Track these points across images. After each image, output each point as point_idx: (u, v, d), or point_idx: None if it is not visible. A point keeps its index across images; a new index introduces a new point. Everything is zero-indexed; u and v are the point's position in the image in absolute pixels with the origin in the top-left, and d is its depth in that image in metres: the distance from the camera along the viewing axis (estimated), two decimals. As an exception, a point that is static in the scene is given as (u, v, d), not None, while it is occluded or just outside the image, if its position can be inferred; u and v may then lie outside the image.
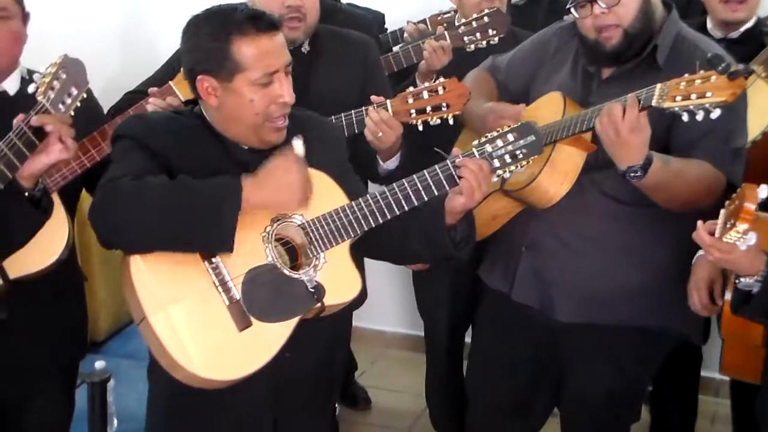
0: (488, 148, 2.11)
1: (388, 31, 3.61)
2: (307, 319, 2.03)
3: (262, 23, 1.99)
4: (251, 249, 1.96)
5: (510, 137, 2.11)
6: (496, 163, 2.10)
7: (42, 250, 2.22)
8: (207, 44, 2.00)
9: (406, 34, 3.42)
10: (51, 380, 2.53)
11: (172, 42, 2.83)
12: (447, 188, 2.08)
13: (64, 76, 2.11)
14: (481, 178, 2.06)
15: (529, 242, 2.52)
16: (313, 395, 2.20)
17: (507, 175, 2.13)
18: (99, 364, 2.54)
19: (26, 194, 2.05)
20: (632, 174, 2.19)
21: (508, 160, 2.10)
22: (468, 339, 3.30)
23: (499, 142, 2.11)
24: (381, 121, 2.51)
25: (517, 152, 2.10)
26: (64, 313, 2.54)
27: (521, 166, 2.12)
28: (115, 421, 2.57)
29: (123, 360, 3.28)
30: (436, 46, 2.93)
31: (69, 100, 2.12)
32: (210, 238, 1.92)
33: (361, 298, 2.14)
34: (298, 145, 1.97)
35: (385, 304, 4.45)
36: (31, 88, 2.09)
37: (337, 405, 3.83)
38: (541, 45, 2.64)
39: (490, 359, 2.70)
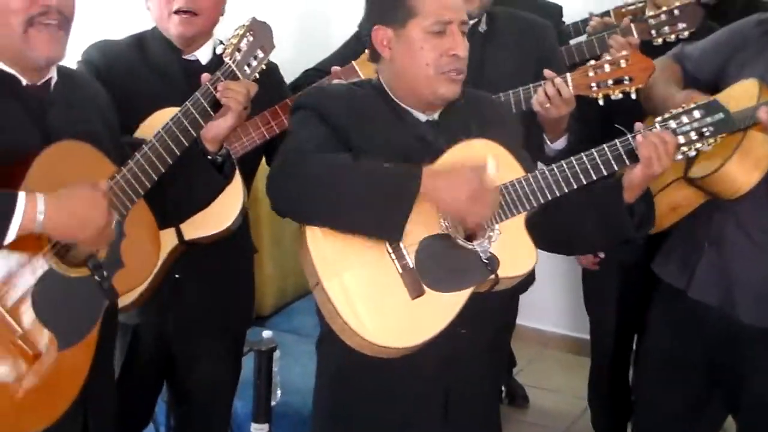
0: (672, 124, 2.02)
1: (569, 23, 3.52)
2: (480, 293, 2.00)
3: None
4: (426, 218, 1.94)
5: (696, 114, 2.01)
6: (681, 139, 2.01)
7: (216, 216, 2.29)
8: None
9: (589, 28, 3.32)
10: (218, 343, 2.60)
11: (345, 27, 2.86)
12: (627, 164, 2.00)
13: (251, 38, 2.14)
14: (662, 152, 1.97)
15: (713, 237, 2.39)
16: (484, 375, 2.17)
17: (692, 153, 2.03)
18: (266, 334, 2.59)
19: (209, 157, 2.11)
20: None
21: (694, 137, 2.01)
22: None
23: (685, 119, 2.01)
24: (556, 94, 2.45)
25: (704, 129, 2.00)
26: (233, 281, 2.61)
27: (708, 145, 2.02)
28: (279, 391, 2.62)
29: (287, 335, 3.34)
30: (623, 42, 2.78)
31: (255, 63, 2.15)
32: (380, 228, 1.92)
33: (530, 277, 2.09)
34: (492, 164, 1.94)
35: (545, 303, 4.39)
36: (219, 49, 2.14)
37: (503, 388, 3.81)
38: (739, 35, 2.49)
39: (661, 361, 2.57)
